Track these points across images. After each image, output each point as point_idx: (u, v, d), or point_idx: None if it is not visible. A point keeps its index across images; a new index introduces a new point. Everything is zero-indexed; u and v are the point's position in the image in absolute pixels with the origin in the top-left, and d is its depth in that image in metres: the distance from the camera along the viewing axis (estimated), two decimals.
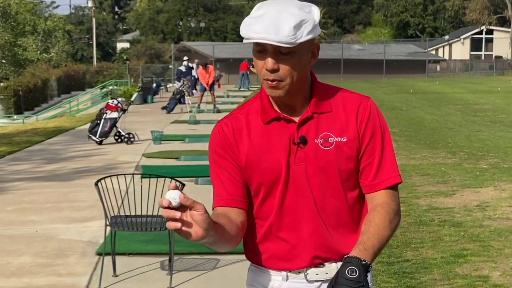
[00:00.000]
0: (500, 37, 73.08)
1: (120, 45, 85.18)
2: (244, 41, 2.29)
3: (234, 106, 23.22)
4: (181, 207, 2.06)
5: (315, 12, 2.30)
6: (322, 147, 2.34)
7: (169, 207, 2.03)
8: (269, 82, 2.29)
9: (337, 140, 2.35)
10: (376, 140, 2.38)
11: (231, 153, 2.39)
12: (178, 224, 2.03)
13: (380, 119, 2.41)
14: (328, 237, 2.37)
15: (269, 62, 2.26)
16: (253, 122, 2.40)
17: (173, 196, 2.06)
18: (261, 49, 2.27)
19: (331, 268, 2.38)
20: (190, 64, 35.76)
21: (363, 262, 2.20)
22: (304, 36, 2.23)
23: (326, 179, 2.35)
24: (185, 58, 37.04)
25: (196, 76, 39.97)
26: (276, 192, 2.36)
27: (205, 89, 27.16)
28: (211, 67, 27.90)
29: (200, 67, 27.93)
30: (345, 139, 2.35)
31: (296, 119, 2.36)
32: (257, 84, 40.05)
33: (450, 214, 8.46)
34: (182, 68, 35.16)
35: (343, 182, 2.36)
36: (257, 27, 2.22)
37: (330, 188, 2.35)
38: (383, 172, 2.38)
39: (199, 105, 26.76)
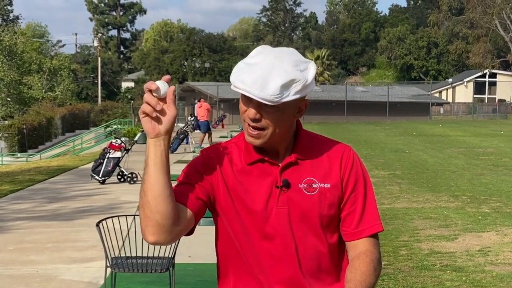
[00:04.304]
0: (503, 80, 73.47)
1: (125, 84, 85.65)
2: (231, 87, 2.30)
3: None
4: (161, 100, 2.20)
5: (311, 70, 2.28)
6: (306, 192, 2.34)
7: (153, 94, 2.18)
8: (250, 130, 2.29)
9: (320, 186, 2.36)
10: (358, 188, 2.40)
11: (210, 175, 2.34)
12: (154, 113, 2.20)
13: (362, 167, 2.43)
14: (306, 283, 2.35)
15: (251, 112, 2.26)
16: (236, 160, 2.37)
17: (162, 86, 2.20)
18: (246, 97, 2.27)
19: None
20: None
21: None
22: (290, 95, 2.22)
23: (307, 224, 2.34)
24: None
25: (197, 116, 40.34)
26: (255, 234, 2.33)
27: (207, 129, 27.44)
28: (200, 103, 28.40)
29: (199, 102, 28.46)
30: (329, 186, 2.36)
31: (279, 163, 2.36)
32: None
33: (452, 258, 8.43)
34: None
35: (324, 227, 2.36)
36: (245, 78, 2.22)
37: (311, 233, 2.35)
38: (365, 220, 2.39)
39: (200, 145, 26.88)
